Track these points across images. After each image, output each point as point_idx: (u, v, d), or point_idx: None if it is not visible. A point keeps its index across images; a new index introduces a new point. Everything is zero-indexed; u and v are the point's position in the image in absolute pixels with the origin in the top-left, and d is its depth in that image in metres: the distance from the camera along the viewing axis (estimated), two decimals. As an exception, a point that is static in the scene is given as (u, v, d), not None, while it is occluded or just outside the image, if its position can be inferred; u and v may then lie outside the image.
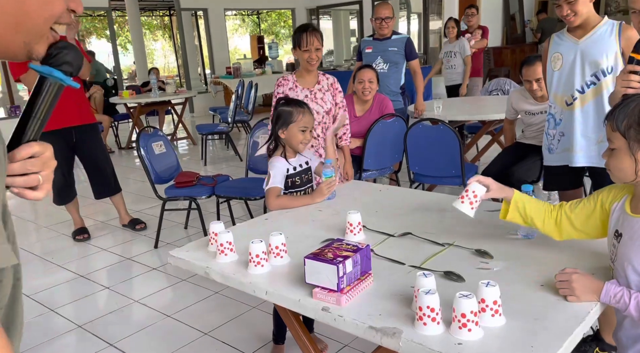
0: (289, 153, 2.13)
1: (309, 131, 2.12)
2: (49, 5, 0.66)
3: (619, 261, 1.25)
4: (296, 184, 2.14)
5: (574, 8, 2.29)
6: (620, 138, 1.23)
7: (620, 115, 1.23)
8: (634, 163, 1.21)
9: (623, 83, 1.78)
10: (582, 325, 1.10)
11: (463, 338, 1.07)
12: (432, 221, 1.77)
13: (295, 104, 2.15)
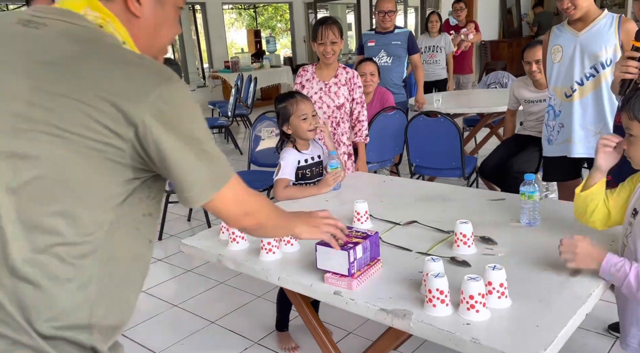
0: (301, 145, 2.18)
1: (311, 116, 2.15)
2: (174, 31, 0.96)
3: (632, 238, 1.31)
4: (306, 176, 2.19)
5: (574, 1, 2.33)
6: (638, 126, 1.28)
7: (636, 104, 1.28)
8: None
9: (621, 68, 1.84)
10: (584, 306, 1.15)
11: (471, 319, 1.11)
12: (436, 210, 1.82)
13: (287, 97, 2.20)
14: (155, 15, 0.90)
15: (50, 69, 0.76)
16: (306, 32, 12.18)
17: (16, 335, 0.75)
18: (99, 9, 0.84)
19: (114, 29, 0.85)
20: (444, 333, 1.10)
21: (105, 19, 0.84)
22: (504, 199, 1.88)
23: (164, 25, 0.93)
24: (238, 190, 0.94)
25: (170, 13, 0.93)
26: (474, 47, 6.09)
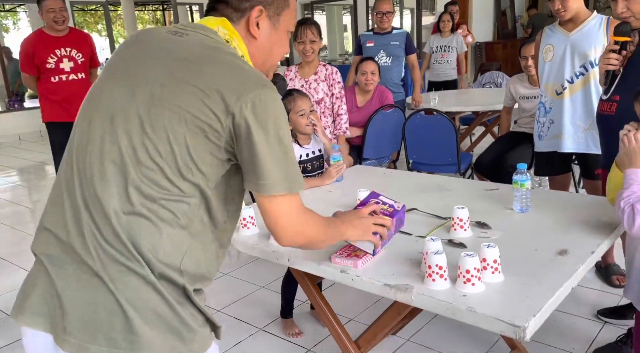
0: (302, 139, 2.28)
1: (309, 111, 2.28)
2: (282, 53, 1.16)
3: None
4: (307, 170, 2.30)
5: (564, 4, 2.45)
6: None
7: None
8: None
9: (604, 61, 2.01)
10: (570, 280, 1.26)
11: (467, 291, 1.22)
12: (434, 199, 1.93)
13: (286, 95, 2.32)
14: (270, 38, 1.11)
15: (184, 63, 0.98)
16: (303, 33, 12.28)
17: (130, 263, 0.93)
18: (228, 28, 1.06)
19: (237, 45, 1.06)
20: (443, 304, 1.21)
21: (231, 37, 1.06)
22: (497, 189, 2.00)
23: (276, 46, 1.13)
24: (302, 205, 1.07)
25: (283, 36, 1.13)
26: (469, 48, 6.21)
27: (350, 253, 1.44)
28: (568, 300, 2.48)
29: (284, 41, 1.15)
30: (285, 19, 1.12)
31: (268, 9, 1.09)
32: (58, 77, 3.78)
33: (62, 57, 3.77)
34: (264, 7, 1.08)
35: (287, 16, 1.12)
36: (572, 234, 1.52)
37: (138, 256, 0.92)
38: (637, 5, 1.92)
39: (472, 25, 10.49)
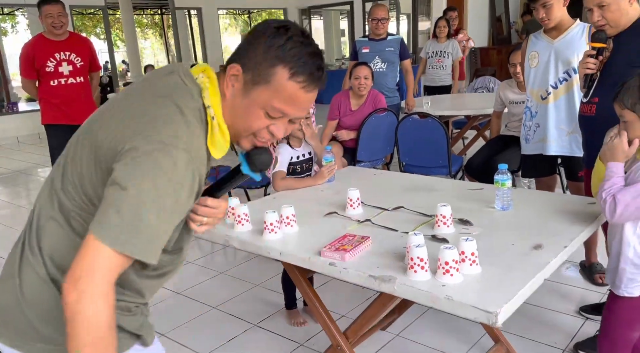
0: (294, 142, 2.38)
1: (304, 117, 2.34)
2: (247, 124, 1.03)
3: None
4: (296, 172, 2.39)
5: (548, 13, 2.56)
6: (630, 113, 1.55)
7: (625, 96, 1.56)
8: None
9: (583, 65, 2.14)
10: (542, 272, 1.35)
11: (446, 282, 1.31)
12: (421, 198, 2.02)
13: None
14: (235, 101, 1.01)
15: (121, 107, 1.00)
16: (300, 37, 12.39)
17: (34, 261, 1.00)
18: (210, 76, 1.02)
19: (208, 95, 1.00)
20: (423, 293, 1.29)
21: (205, 84, 1.00)
22: (482, 189, 2.09)
23: (241, 115, 1.02)
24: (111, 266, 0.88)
25: (251, 110, 1.01)
26: (467, 53, 6.32)
27: (339, 247, 1.53)
28: (553, 297, 2.60)
29: (252, 116, 1.01)
30: (261, 94, 0.99)
31: (246, 73, 0.99)
32: (57, 81, 3.86)
33: (62, 61, 3.84)
34: (243, 69, 0.99)
35: (264, 93, 0.99)
36: (549, 230, 1.61)
37: (39, 255, 1.00)
38: (611, 14, 2.03)
39: (467, 30, 10.60)
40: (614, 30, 2.09)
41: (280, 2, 12.05)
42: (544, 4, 2.55)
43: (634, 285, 1.62)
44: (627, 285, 1.63)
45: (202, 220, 1.10)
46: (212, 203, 1.10)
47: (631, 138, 1.59)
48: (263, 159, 1.06)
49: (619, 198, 1.52)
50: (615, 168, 1.58)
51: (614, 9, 2.03)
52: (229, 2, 11.71)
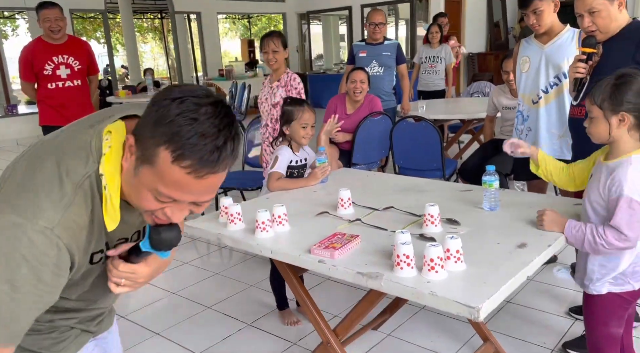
0: (294, 146, 2.43)
1: (310, 126, 2.42)
2: (139, 204, 0.92)
3: (584, 200, 1.64)
4: (293, 176, 2.44)
5: (538, 19, 2.61)
6: (597, 109, 1.58)
7: (596, 92, 1.58)
8: (608, 126, 1.56)
9: (573, 70, 2.18)
10: (525, 269, 1.39)
11: (431, 278, 1.34)
12: (411, 198, 2.05)
13: (296, 103, 2.46)
14: (128, 177, 0.90)
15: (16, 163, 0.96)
16: (299, 42, 12.48)
17: None
18: (114, 141, 0.92)
19: (104, 161, 0.90)
20: (408, 289, 1.32)
21: (106, 146, 0.91)
22: (471, 190, 2.13)
23: (133, 192, 0.92)
24: None
25: (140, 190, 0.89)
26: (462, 59, 6.39)
27: (329, 245, 1.56)
28: (543, 298, 2.63)
29: (141, 197, 0.90)
30: (146, 176, 0.86)
31: (137, 148, 0.87)
32: (55, 84, 3.91)
33: (59, 64, 3.90)
34: (136, 143, 0.87)
35: (149, 175, 0.86)
36: (534, 230, 1.64)
37: None
38: (601, 20, 2.08)
39: (465, 36, 10.70)
40: (604, 36, 2.14)
41: (279, 7, 12.12)
42: (534, 10, 2.60)
43: (601, 284, 1.66)
44: (595, 283, 1.67)
45: (119, 282, 1.03)
46: (124, 268, 1.01)
47: (591, 133, 1.62)
48: (164, 238, 0.95)
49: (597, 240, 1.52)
50: (571, 230, 1.58)
51: (604, 15, 2.08)
52: (229, 7, 11.78)
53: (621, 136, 1.56)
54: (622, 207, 1.49)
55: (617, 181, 1.52)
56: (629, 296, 1.66)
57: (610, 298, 1.66)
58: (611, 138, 1.57)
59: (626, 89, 1.52)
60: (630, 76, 1.54)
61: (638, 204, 1.48)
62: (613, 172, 1.55)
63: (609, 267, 1.63)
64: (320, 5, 11.69)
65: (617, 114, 1.53)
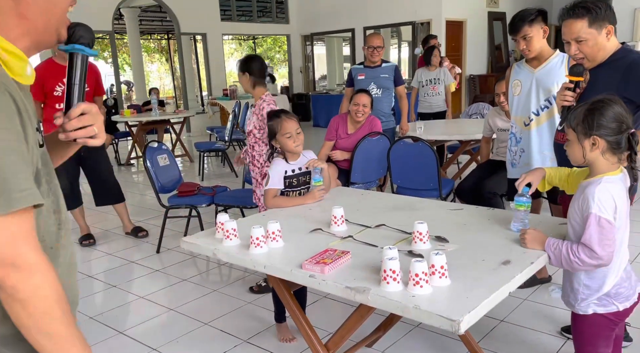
0: (290, 156, 2.49)
1: (296, 133, 2.46)
2: (60, 6, 0.92)
3: (568, 218, 1.70)
4: (293, 185, 2.49)
5: (528, 45, 2.70)
6: (572, 133, 1.66)
7: (572, 116, 1.66)
8: (582, 149, 1.62)
9: (560, 98, 2.23)
10: (507, 285, 1.43)
11: (416, 293, 1.39)
12: (403, 216, 2.11)
13: (275, 116, 2.53)
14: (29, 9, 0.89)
15: None
16: (303, 63, 12.68)
17: None
18: None
19: None
20: (394, 303, 1.37)
21: None
22: (462, 209, 2.18)
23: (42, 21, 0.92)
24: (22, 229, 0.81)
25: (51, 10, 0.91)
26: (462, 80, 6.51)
27: (319, 260, 1.61)
28: (537, 318, 2.66)
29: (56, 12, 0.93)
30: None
31: None
32: (63, 104, 4.01)
33: None
34: None
35: None
36: (518, 248, 1.69)
37: None
38: (588, 49, 2.11)
39: (467, 58, 10.88)
40: (591, 64, 2.15)
41: (284, 29, 12.36)
42: (524, 36, 2.69)
43: (586, 304, 1.70)
44: (580, 304, 1.71)
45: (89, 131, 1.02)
46: (85, 106, 1.02)
47: (569, 154, 1.69)
48: (83, 29, 1.01)
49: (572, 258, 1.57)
50: (550, 247, 1.63)
51: (591, 44, 2.09)
52: (234, 29, 12.03)
53: (596, 159, 1.62)
54: (591, 224, 1.54)
55: (586, 199, 1.58)
56: (615, 317, 1.69)
57: (596, 319, 1.70)
58: (586, 161, 1.64)
59: (599, 114, 1.58)
60: (604, 102, 1.60)
61: (607, 222, 1.54)
62: (584, 190, 1.61)
63: (593, 288, 1.68)
64: (324, 28, 11.92)
65: (589, 137, 1.60)
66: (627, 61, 2.08)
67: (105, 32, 9.66)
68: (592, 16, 2.05)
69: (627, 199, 1.63)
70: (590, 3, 2.07)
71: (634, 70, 2.04)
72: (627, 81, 2.04)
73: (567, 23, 2.11)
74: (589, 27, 2.06)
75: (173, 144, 8.12)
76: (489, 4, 11.07)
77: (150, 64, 23.83)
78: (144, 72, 14.22)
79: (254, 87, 3.13)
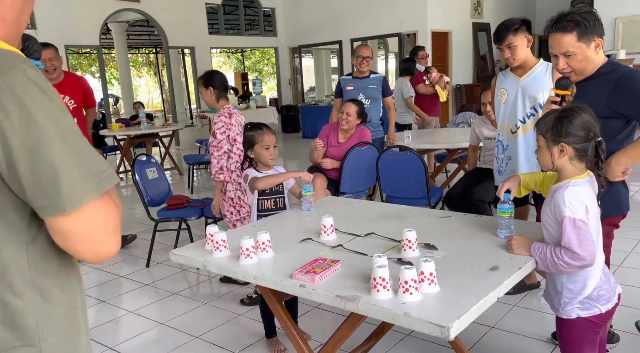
0: (260, 167, 2.58)
1: (273, 147, 2.55)
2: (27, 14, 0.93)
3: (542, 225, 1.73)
4: (266, 193, 2.56)
5: (513, 54, 2.74)
6: (542, 139, 1.70)
7: (542, 123, 1.71)
8: (550, 155, 1.67)
9: (546, 111, 2.20)
10: (495, 291, 1.45)
11: (406, 300, 1.40)
12: (392, 225, 2.12)
13: (255, 127, 2.60)
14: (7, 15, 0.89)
15: None
16: (291, 75, 12.75)
17: None
18: None
19: None
20: (384, 311, 1.38)
21: None
22: (450, 216, 2.20)
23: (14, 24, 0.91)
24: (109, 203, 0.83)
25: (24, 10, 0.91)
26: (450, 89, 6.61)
27: (310, 270, 1.62)
28: (528, 324, 2.68)
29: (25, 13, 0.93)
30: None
31: None
32: None
33: None
34: None
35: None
36: (506, 254, 1.71)
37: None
38: (577, 63, 2.05)
39: (452, 68, 11.01)
40: (579, 77, 2.11)
41: (272, 41, 12.43)
42: (508, 45, 2.74)
43: (570, 308, 1.72)
44: (564, 308, 1.73)
45: None
46: None
47: (539, 160, 1.75)
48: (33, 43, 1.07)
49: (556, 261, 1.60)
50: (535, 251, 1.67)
51: (580, 58, 2.01)
52: (222, 42, 12.07)
53: (564, 165, 1.67)
54: (567, 227, 1.58)
55: (556, 203, 1.62)
56: (598, 320, 1.71)
57: (580, 323, 1.72)
58: (555, 167, 1.69)
59: (567, 122, 1.63)
60: (573, 110, 1.66)
61: (582, 223, 1.58)
62: (554, 195, 1.65)
63: (575, 291, 1.70)
64: (312, 40, 12.02)
65: (557, 144, 1.65)
66: (616, 75, 2.01)
67: (93, 47, 9.64)
68: (580, 30, 1.97)
69: (595, 201, 1.67)
70: (578, 15, 1.98)
71: (625, 85, 1.98)
72: (618, 95, 1.98)
73: (554, 37, 2.02)
74: (578, 41, 1.99)
75: (162, 158, 8.09)
76: (473, 14, 11.25)
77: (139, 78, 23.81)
78: (132, 87, 14.20)
79: (217, 100, 3.29)
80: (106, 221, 0.82)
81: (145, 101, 21.33)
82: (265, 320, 2.58)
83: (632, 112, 1.99)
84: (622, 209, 2.11)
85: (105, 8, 9.11)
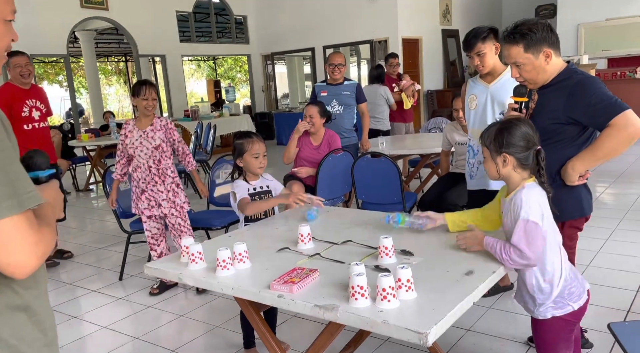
0: (250, 177, 2.52)
1: (262, 155, 2.53)
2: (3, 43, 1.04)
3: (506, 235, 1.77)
4: (255, 200, 2.50)
5: (482, 61, 2.81)
6: (486, 150, 1.79)
7: (485, 135, 1.79)
8: (495, 165, 1.76)
9: (507, 117, 2.25)
10: (471, 295, 1.47)
11: (384, 307, 1.41)
12: (369, 232, 2.14)
13: (245, 136, 2.58)
14: None
15: None
16: (264, 82, 12.73)
17: None
18: None
19: None
20: (363, 319, 1.38)
21: None
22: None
23: None
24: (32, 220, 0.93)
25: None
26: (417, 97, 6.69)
27: (287, 280, 1.61)
28: (502, 325, 2.72)
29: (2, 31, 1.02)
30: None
31: None
32: (31, 125, 4.08)
33: (32, 107, 4.11)
34: None
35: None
36: (481, 258, 1.74)
37: None
38: (527, 73, 2.12)
39: (423, 74, 11.19)
40: (534, 86, 2.16)
41: (244, 49, 12.40)
42: (477, 53, 2.80)
43: (544, 308, 1.76)
44: (539, 309, 1.78)
45: None
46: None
47: (486, 170, 1.82)
48: (38, 158, 1.17)
49: (505, 257, 1.66)
50: (488, 245, 1.73)
51: (529, 68, 2.07)
52: (194, 50, 11.97)
53: (509, 173, 1.75)
54: (519, 227, 1.65)
55: (516, 206, 1.68)
56: (572, 318, 1.76)
57: (555, 322, 1.76)
58: (501, 176, 1.76)
59: (508, 133, 1.72)
60: (512, 122, 1.74)
61: (534, 224, 1.64)
62: (513, 201, 1.71)
63: (546, 291, 1.75)
64: (284, 47, 12.04)
65: (500, 155, 1.73)
66: (571, 82, 2.06)
67: (60, 56, 9.43)
68: (526, 41, 2.04)
69: (547, 203, 1.73)
70: (525, 28, 2.04)
71: (578, 92, 2.03)
72: (572, 102, 2.03)
73: (505, 47, 2.14)
74: (525, 52, 2.05)
75: (134, 168, 7.94)
76: (442, 21, 11.47)
77: (108, 87, 23.39)
78: (101, 96, 13.93)
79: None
80: (25, 236, 0.91)
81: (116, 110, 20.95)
82: (245, 330, 2.55)
83: (585, 119, 2.03)
84: (585, 212, 2.16)
85: (73, 16, 8.93)
